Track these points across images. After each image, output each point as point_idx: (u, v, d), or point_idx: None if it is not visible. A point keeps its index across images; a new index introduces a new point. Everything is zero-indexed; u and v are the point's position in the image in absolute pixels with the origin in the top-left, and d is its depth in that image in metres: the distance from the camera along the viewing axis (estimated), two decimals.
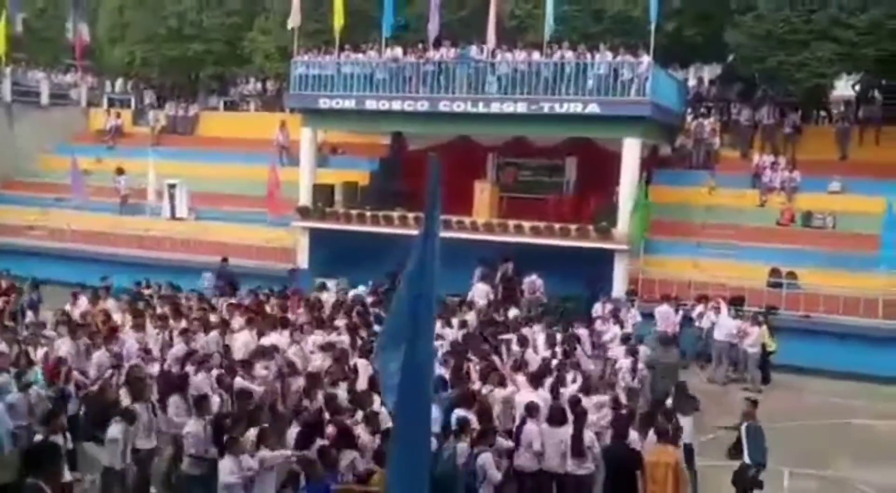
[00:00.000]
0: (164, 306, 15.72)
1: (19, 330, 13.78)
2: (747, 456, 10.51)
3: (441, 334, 13.68)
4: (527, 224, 21.00)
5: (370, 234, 21.83)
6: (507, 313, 17.43)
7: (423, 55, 22.38)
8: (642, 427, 10.20)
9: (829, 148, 23.42)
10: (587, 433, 9.94)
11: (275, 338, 13.25)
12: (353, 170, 25.25)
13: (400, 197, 22.39)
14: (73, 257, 24.85)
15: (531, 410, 10.14)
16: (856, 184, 21.62)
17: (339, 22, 23.25)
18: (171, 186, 26.40)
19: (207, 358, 11.79)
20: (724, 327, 17.74)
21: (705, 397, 13.52)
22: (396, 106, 22.01)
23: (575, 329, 15.50)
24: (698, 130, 24.33)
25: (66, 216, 26.67)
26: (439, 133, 22.84)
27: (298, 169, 23.98)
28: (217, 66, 32.14)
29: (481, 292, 19.33)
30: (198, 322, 13.98)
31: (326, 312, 16.23)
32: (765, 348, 17.50)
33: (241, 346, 13.26)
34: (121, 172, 27.60)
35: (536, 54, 21.44)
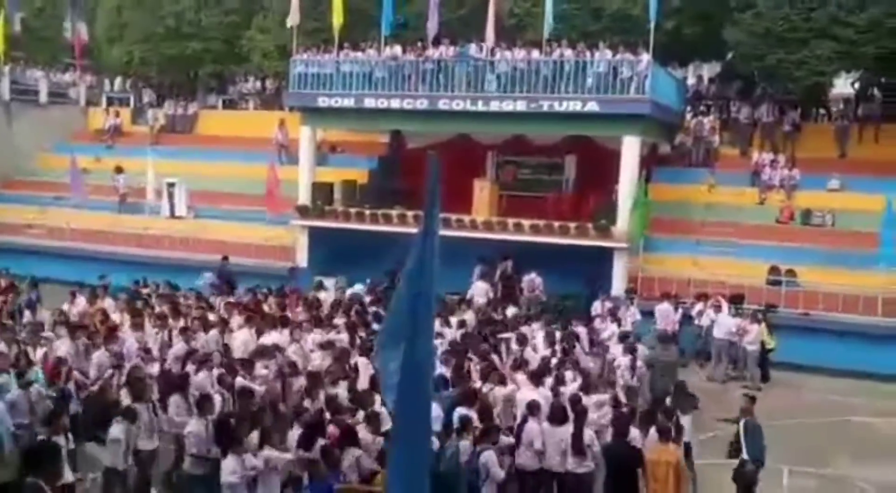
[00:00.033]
0: (162, 305, 15.69)
1: (17, 330, 13.72)
2: (745, 453, 10.52)
3: (440, 332, 13.65)
4: (526, 222, 20.98)
5: (369, 232, 21.83)
6: (505, 311, 17.43)
7: (422, 53, 22.35)
8: (643, 425, 10.19)
9: (828, 146, 23.43)
10: (587, 432, 9.94)
11: (274, 337, 13.23)
12: (353, 168, 25.22)
13: (399, 195, 22.38)
14: (72, 256, 24.85)
15: (532, 408, 10.14)
16: (855, 182, 21.62)
17: (338, 20, 23.22)
18: (171, 185, 26.38)
19: (208, 357, 11.75)
20: (724, 325, 17.75)
21: (705, 396, 13.52)
22: (395, 104, 21.99)
23: (573, 327, 15.50)
24: (698, 128, 24.32)
25: (64, 215, 26.66)
26: (438, 131, 22.83)
27: (297, 167, 23.96)
28: (216, 64, 32.14)
29: (481, 290, 19.34)
30: (197, 322, 13.95)
31: (325, 311, 16.21)
32: (764, 345, 17.52)
33: (241, 345, 13.25)
34: (119, 170, 27.57)
35: (536, 52, 21.42)
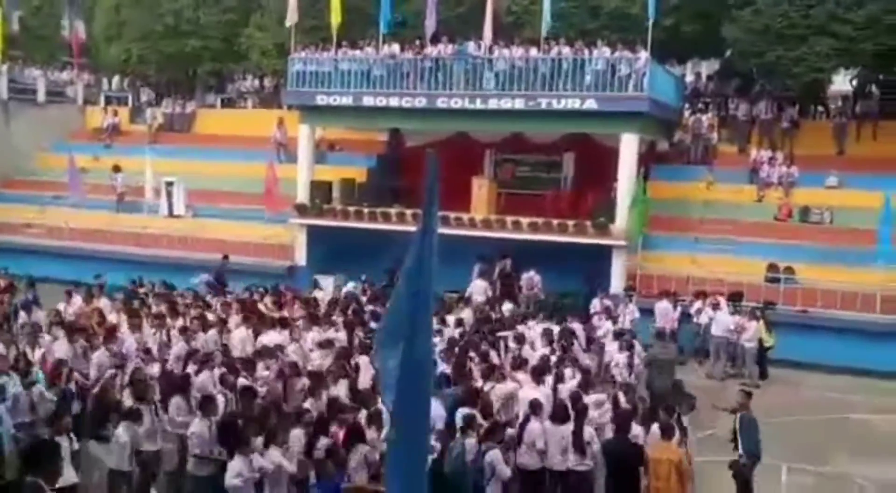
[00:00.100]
0: (159, 305, 15.66)
1: (15, 331, 13.68)
2: (741, 447, 10.57)
3: (438, 329, 13.64)
4: (525, 220, 20.98)
5: (368, 231, 21.82)
6: (501, 308, 17.42)
7: (420, 51, 22.32)
8: (644, 423, 10.22)
9: (826, 143, 23.44)
10: (587, 429, 9.96)
11: (273, 336, 13.20)
12: (351, 167, 25.20)
13: (398, 194, 22.38)
14: (71, 255, 24.83)
15: (535, 407, 10.14)
16: (853, 179, 21.62)
17: (336, 18, 23.19)
18: (169, 184, 26.35)
19: (209, 357, 11.68)
20: (722, 322, 17.78)
21: (704, 393, 13.48)
22: (394, 102, 21.99)
23: (569, 324, 15.48)
24: (696, 126, 24.31)
25: (63, 214, 26.66)
26: (437, 130, 22.82)
27: (296, 166, 23.93)
28: (214, 63, 32.13)
29: (479, 288, 19.34)
30: (197, 322, 13.92)
31: (321, 309, 16.19)
32: (762, 343, 17.53)
33: (238, 343, 13.24)
34: (117, 169, 27.54)
35: (534, 50, 21.39)
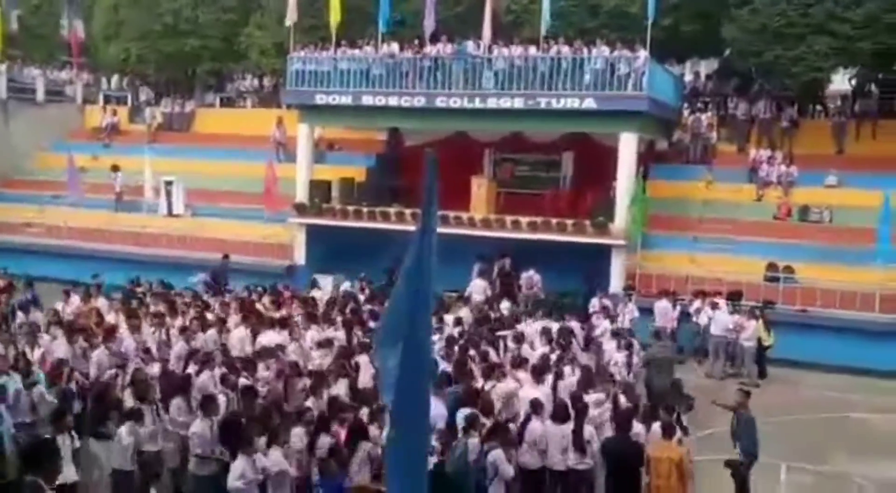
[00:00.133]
0: (157, 305, 15.65)
1: (13, 331, 13.67)
2: (738, 446, 10.58)
3: (437, 328, 13.65)
4: (524, 220, 20.98)
5: (367, 230, 21.82)
6: (499, 306, 17.43)
7: (419, 51, 22.32)
8: (645, 421, 10.24)
9: (825, 142, 23.44)
10: (587, 428, 9.97)
11: (272, 336, 13.19)
12: (350, 166, 25.20)
13: (397, 193, 22.38)
14: (70, 255, 24.82)
15: (536, 407, 10.15)
16: (852, 178, 21.62)
17: (335, 18, 23.19)
18: (168, 183, 26.34)
19: (210, 357, 11.63)
20: (721, 321, 17.79)
21: (703, 393, 13.50)
22: (393, 102, 21.98)
23: (566, 323, 15.47)
24: (695, 125, 24.32)
25: (62, 214, 26.67)
26: (436, 129, 22.80)
27: (295, 165, 23.93)
28: (213, 62, 32.13)
29: (479, 288, 19.34)
30: (196, 322, 13.89)
31: (320, 309, 16.17)
32: (761, 342, 17.54)
33: (237, 342, 13.22)
34: (116, 169, 27.51)
35: (533, 49, 21.40)
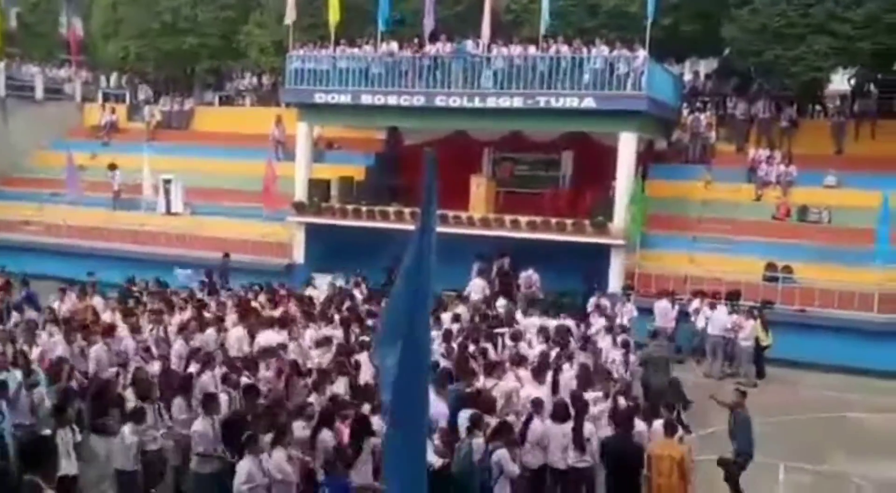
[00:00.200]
0: (154, 303, 15.63)
1: (9, 329, 13.64)
2: (734, 445, 10.60)
3: (437, 324, 13.69)
4: (523, 219, 20.96)
5: (366, 229, 21.80)
6: (495, 304, 17.41)
7: (418, 50, 22.30)
8: (646, 419, 10.26)
9: (824, 142, 23.44)
10: (587, 426, 9.97)
11: (270, 335, 13.17)
12: (349, 165, 25.18)
13: (396, 192, 22.38)
14: (69, 253, 24.81)
15: (537, 406, 10.16)
16: (851, 178, 21.62)
17: (334, 16, 23.18)
18: (167, 182, 26.33)
19: (211, 357, 11.61)
20: (719, 321, 17.80)
21: (701, 393, 13.52)
22: (392, 101, 21.97)
23: (563, 321, 15.47)
24: (694, 125, 24.32)
25: (61, 212, 26.67)
26: (435, 128, 22.77)
27: (294, 164, 23.91)
28: (212, 60, 32.08)
29: (478, 287, 19.35)
30: (195, 322, 13.85)
31: (316, 307, 16.16)
32: (758, 342, 17.55)
33: (235, 342, 13.21)
34: (113, 167, 27.50)
35: (532, 49, 21.38)
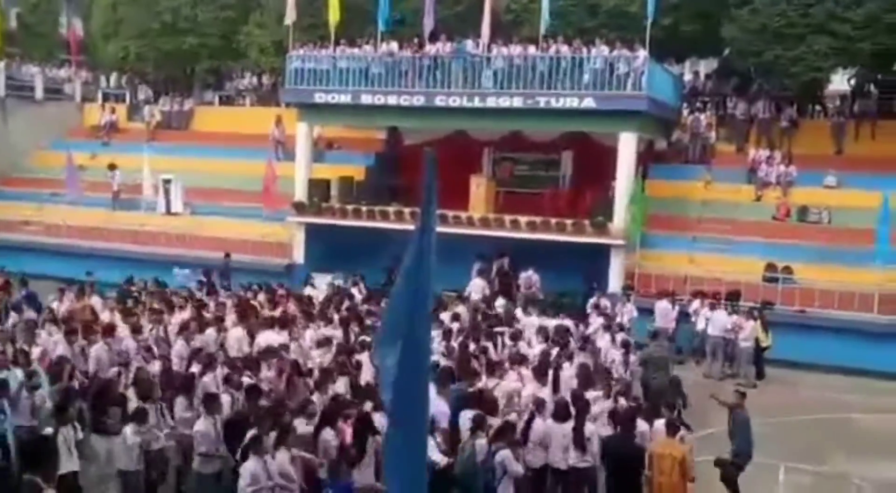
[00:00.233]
0: (153, 303, 15.61)
1: (7, 328, 13.64)
2: (732, 446, 10.59)
3: (438, 324, 13.69)
4: (523, 219, 20.95)
5: (366, 229, 21.79)
6: (494, 304, 17.41)
7: (418, 50, 22.29)
8: (647, 418, 10.26)
9: (824, 142, 23.43)
10: (587, 426, 9.98)
11: (270, 335, 13.15)
12: (349, 165, 25.17)
13: (396, 192, 22.37)
14: (68, 253, 24.79)
15: (538, 406, 10.16)
16: (851, 178, 21.62)
17: (334, 16, 23.17)
18: (167, 182, 26.32)
19: (213, 358, 11.59)
20: (719, 322, 17.79)
21: (701, 393, 13.51)
22: (392, 101, 21.96)
23: (562, 321, 15.45)
24: (694, 125, 24.31)
25: (61, 212, 26.66)
26: (435, 128, 22.75)
27: (294, 164, 23.89)
28: (212, 60, 32.08)
29: (478, 287, 19.34)
30: (195, 323, 13.84)
31: (315, 307, 16.14)
32: (758, 342, 17.54)
33: (234, 342, 13.20)
34: (113, 167, 27.46)
35: (532, 49, 21.37)
